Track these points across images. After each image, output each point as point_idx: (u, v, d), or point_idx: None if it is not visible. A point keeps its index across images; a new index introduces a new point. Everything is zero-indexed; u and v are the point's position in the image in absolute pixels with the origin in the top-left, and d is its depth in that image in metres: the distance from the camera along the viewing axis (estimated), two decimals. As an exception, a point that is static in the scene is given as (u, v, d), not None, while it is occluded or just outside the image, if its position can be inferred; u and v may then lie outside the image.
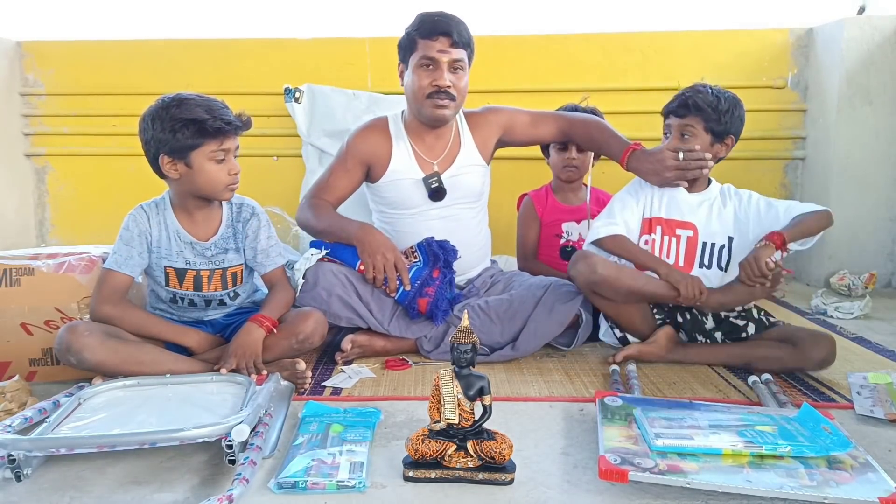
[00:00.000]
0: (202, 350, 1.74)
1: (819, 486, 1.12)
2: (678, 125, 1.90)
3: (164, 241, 1.74)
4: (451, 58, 1.93)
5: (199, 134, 1.61)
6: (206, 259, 1.76)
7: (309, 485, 1.16)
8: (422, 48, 1.94)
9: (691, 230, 1.92)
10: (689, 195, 1.95)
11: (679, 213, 1.93)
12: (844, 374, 1.73)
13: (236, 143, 1.69)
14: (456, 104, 1.99)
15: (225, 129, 1.63)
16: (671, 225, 1.93)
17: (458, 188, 2.06)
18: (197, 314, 1.82)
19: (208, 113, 1.61)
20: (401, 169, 2.05)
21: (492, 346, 1.91)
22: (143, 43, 3.21)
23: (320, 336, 1.77)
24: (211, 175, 1.66)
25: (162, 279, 1.76)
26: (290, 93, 2.98)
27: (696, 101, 1.87)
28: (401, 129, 2.09)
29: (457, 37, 1.92)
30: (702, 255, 1.91)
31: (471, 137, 2.12)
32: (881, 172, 2.91)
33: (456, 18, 1.96)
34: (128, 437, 1.23)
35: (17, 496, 1.17)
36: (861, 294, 2.70)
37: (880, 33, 2.83)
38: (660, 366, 1.87)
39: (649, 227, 1.94)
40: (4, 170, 3.18)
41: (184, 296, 1.78)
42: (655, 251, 1.92)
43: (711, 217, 1.93)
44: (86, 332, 1.56)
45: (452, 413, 1.21)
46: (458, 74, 1.96)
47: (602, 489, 1.18)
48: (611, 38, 3.15)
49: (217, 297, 1.80)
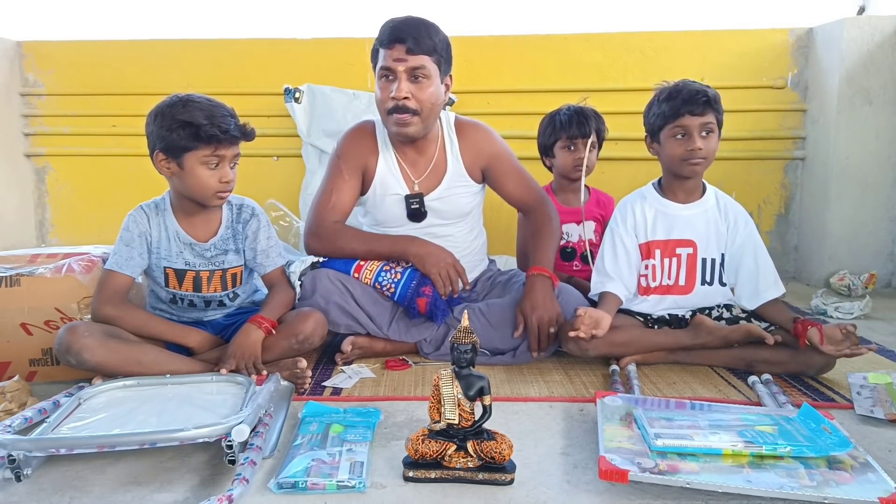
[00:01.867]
0: (203, 350, 1.74)
1: (819, 486, 1.12)
2: (700, 124, 1.77)
3: (164, 241, 1.74)
4: (407, 66, 1.80)
5: (193, 137, 1.61)
6: (205, 260, 1.76)
7: (309, 485, 1.16)
8: (381, 58, 1.84)
9: (691, 247, 1.85)
10: (683, 207, 1.87)
11: (676, 231, 1.86)
12: (844, 374, 1.72)
13: (234, 152, 1.68)
14: (421, 118, 1.85)
15: (219, 137, 1.62)
16: (669, 245, 1.86)
17: (445, 210, 2.00)
18: (197, 315, 1.82)
19: (207, 118, 1.60)
20: (385, 184, 1.98)
21: (492, 351, 1.91)
22: (143, 43, 3.21)
23: (320, 336, 1.76)
24: (201, 180, 1.65)
25: (162, 280, 1.76)
26: (290, 93, 2.98)
27: (710, 94, 1.77)
28: (386, 138, 1.99)
29: (412, 44, 1.78)
30: (703, 272, 1.86)
31: (459, 155, 2.00)
32: (881, 172, 2.91)
33: (416, 23, 1.82)
34: (128, 437, 1.23)
35: (17, 496, 1.17)
36: (861, 294, 2.70)
37: (880, 33, 2.83)
38: (660, 366, 1.87)
39: (648, 253, 1.88)
40: (4, 170, 3.18)
41: (183, 296, 1.78)
42: (657, 276, 1.87)
43: (709, 230, 1.86)
44: (85, 332, 1.56)
45: (452, 413, 1.21)
46: (419, 84, 1.82)
47: (602, 489, 1.18)
48: (611, 38, 3.16)
49: (217, 297, 1.80)
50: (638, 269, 1.90)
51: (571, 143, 2.31)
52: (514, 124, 3.07)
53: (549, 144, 2.38)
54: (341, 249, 1.93)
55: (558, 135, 2.32)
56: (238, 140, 1.67)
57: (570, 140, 2.31)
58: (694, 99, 1.76)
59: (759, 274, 1.83)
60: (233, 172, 1.69)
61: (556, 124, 2.33)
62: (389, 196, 1.98)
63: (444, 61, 1.88)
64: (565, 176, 2.37)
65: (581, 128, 2.28)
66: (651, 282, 1.89)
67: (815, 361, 1.73)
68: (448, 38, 1.90)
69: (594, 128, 2.30)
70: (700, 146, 1.78)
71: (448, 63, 1.91)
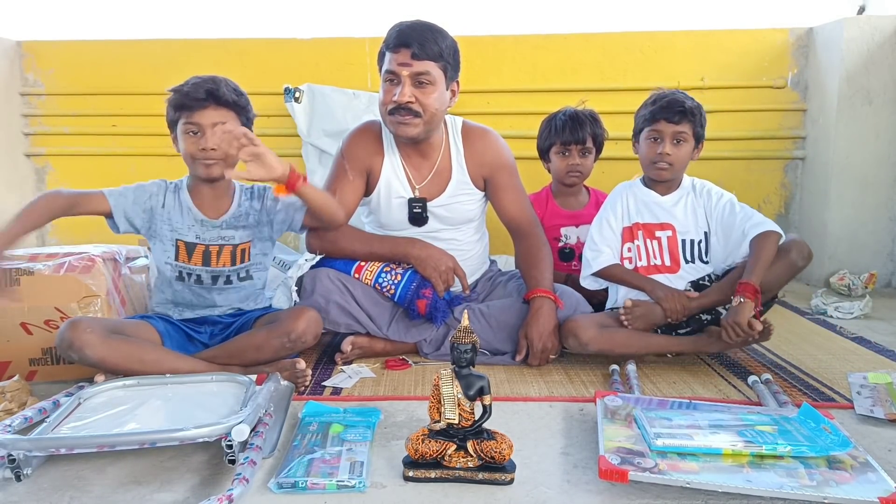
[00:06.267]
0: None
1: (819, 485, 1.13)
2: (673, 131, 1.88)
3: (177, 215, 1.77)
4: (412, 71, 1.79)
5: (175, 107, 1.70)
6: (215, 235, 1.78)
7: (309, 485, 1.16)
8: (386, 61, 1.84)
9: (669, 230, 1.95)
10: (663, 198, 1.97)
11: (655, 217, 1.96)
12: (844, 374, 1.73)
13: (213, 120, 1.68)
14: (423, 121, 1.84)
15: (189, 105, 1.67)
16: (650, 228, 1.96)
17: (449, 217, 2.00)
18: (203, 294, 1.79)
19: (190, 87, 1.68)
20: (390, 186, 1.97)
21: (492, 351, 1.91)
22: (143, 43, 3.21)
23: (314, 335, 1.72)
24: (184, 148, 1.72)
25: (172, 253, 1.76)
26: (290, 93, 2.98)
27: (687, 105, 1.88)
28: (391, 140, 1.97)
29: (418, 49, 1.77)
30: (684, 252, 1.94)
31: (464, 163, 1.99)
32: (881, 172, 2.91)
33: (423, 28, 1.81)
34: (128, 437, 1.23)
35: (17, 496, 1.17)
36: (861, 294, 2.70)
37: (880, 33, 2.83)
38: (660, 366, 1.87)
39: (631, 235, 1.97)
40: (4, 170, 3.18)
41: (191, 271, 1.77)
42: (641, 255, 1.95)
43: (687, 214, 1.96)
44: (88, 328, 1.55)
45: (452, 413, 1.21)
46: (423, 89, 1.81)
47: (602, 489, 1.18)
48: (611, 38, 3.15)
49: (225, 272, 1.79)
50: (619, 251, 1.98)
51: (566, 149, 2.31)
52: (513, 124, 3.08)
53: (545, 148, 2.39)
54: (343, 250, 1.93)
55: (553, 139, 2.33)
56: (207, 104, 1.68)
57: (563, 146, 2.31)
58: (671, 107, 1.88)
59: (745, 220, 1.90)
60: (220, 140, 1.68)
61: (551, 129, 2.34)
62: (395, 199, 1.98)
63: (451, 67, 1.87)
64: (560, 181, 2.38)
65: (575, 133, 2.28)
66: (638, 261, 1.95)
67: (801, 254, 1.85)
68: (456, 44, 1.89)
69: (590, 133, 2.30)
70: (668, 152, 1.89)
71: (455, 69, 1.90)
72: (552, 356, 1.88)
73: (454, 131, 2.01)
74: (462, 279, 1.94)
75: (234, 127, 1.66)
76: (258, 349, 1.69)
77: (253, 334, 1.71)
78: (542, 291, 1.92)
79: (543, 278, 1.95)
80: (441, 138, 1.99)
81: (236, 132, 1.62)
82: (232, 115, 1.72)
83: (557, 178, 2.38)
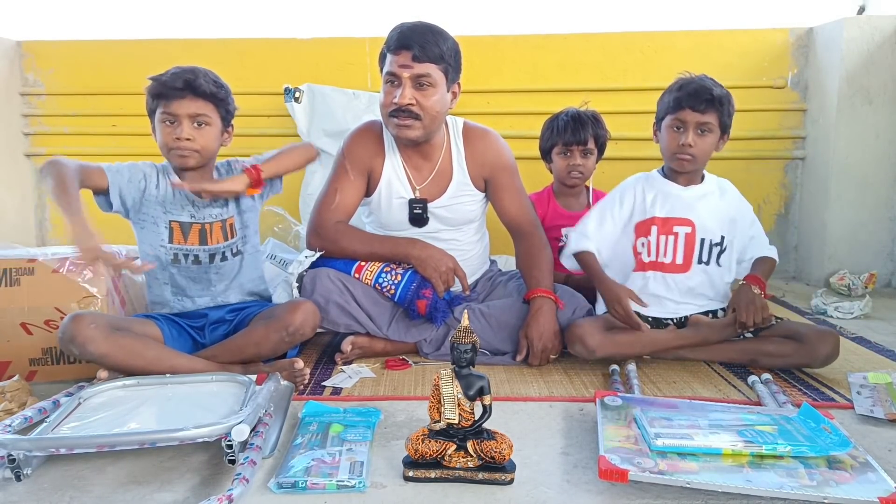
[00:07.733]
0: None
1: (819, 485, 1.13)
2: (697, 121, 1.79)
3: (169, 196, 1.78)
4: (412, 73, 1.79)
5: (153, 95, 1.71)
6: (208, 213, 1.79)
7: (309, 485, 1.16)
8: (387, 63, 1.83)
9: (689, 226, 1.88)
10: (685, 190, 1.90)
11: (676, 210, 1.89)
12: (844, 374, 1.73)
13: (190, 110, 1.70)
14: (423, 123, 1.84)
15: (166, 94, 1.69)
16: (668, 223, 1.89)
17: (450, 218, 2.01)
18: (200, 279, 1.79)
19: (169, 76, 1.69)
20: (391, 186, 1.97)
21: (492, 351, 1.91)
22: (143, 43, 3.21)
23: (311, 327, 1.71)
24: (159, 138, 1.73)
25: (166, 235, 1.77)
26: (290, 93, 2.98)
27: (716, 93, 1.78)
28: (392, 141, 1.97)
29: (419, 51, 1.77)
30: (700, 252, 1.88)
31: (465, 164, 1.99)
32: (881, 172, 2.91)
33: (424, 30, 1.80)
34: (128, 437, 1.23)
35: (17, 496, 1.17)
36: (861, 294, 2.70)
37: (880, 33, 2.83)
38: (660, 365, 1.87)
39: (646, 230, 1.90)
40: (4, 170, 3.18)
41: (188, 252, 1.77)
42: (651, 251, 1.90)
43: (710, 211, 1.89)
44: (91, 323, 1.54)
45: (452, 413, 1.21)
46: (424, 91, 1.81)
47: (602, 489, 1.18)
48: (611, 38, 3.15)
49: (220, 249, 1.80)
50: (613, 243, 1.95)
51: (567, 150, 2.31)
52: (513, 124, 3.08)
53: (547, 149, 2.39)
54: (343, 250, 1.93)
55: (555, 140, 2.33)
56: (185, 94, 1.69)
57: (565, 146, 2.31)
58: (698, 95, 1.78)
59: (756, 241, 1.93)
60: (200, 132, 1.71)
61: (553, 129, 2.34)
62: (396, 199, 1.98)
63: (452, 69, 1.87)
64: (561, 181, 2.38)
65: (576, 134, 2.28)
66: (646, 257, 1.90)
67: (819, 353, 1.73)
68: (457, 46, 1.88)
69: (592, 134, 2.30)
70: (691, 143, 1.80)
71: (456, 71, 1.89)
72: (552, 356, 1.88)
73: (455, 132, 2.01)
74: (462, 279, 1.93)
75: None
76: (258, 345, 1.69)
77: (251, 331, 1.71)
78: (542, 291, 1.92)
79: (544, 278, 1.95)
80: (442, 139, 1.99)
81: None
82: (210, 106, 1.74)
83: (559, 178, 2.38)
